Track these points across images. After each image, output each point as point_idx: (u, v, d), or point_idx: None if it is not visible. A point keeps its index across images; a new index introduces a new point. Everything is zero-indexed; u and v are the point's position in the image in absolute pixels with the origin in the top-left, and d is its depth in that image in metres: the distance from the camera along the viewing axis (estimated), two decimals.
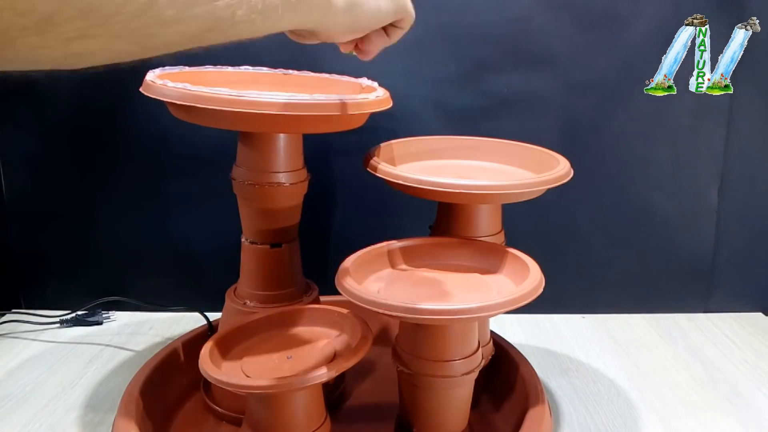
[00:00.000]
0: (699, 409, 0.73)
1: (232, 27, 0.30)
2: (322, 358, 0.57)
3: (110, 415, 0.66)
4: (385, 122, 0.81)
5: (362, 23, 0.45)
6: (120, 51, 0.27)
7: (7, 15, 0.22)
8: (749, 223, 0.96)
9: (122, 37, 0.26)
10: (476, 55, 0.88)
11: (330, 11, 0.40)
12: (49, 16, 0.23)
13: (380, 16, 0.46)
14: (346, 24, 0.43)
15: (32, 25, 0.23)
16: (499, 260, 0.62)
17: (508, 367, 0.73)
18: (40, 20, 0.23)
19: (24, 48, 0.24)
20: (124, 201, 0.93)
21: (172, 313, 0.93)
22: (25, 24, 0.23)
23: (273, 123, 0.58)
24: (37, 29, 0.23)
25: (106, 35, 0.25)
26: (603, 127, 0.91)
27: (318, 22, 0.40)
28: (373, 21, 0.45)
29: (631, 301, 0.98)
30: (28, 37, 0.23)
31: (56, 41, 0.24)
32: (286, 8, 0.34)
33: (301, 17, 0.37)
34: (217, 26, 0.30)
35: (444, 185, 0.59)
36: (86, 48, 0.25)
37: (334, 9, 0.40)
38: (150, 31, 0.26)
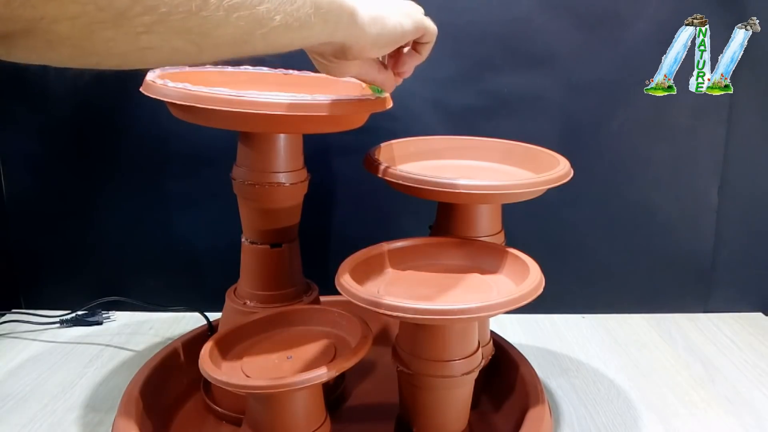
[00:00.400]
0: (699, 409, 0.73)
1: (273, 31, 0.35)
2: (322, 358, 0.57)
3: (110, 415, 0.66)
4: (385, 122, 0.81)
5: (386, 37, 0.48)
6: (179, 48, 0.31)
7: (91, 9, 0.26)
8: (749, 223, 0.96)
9: (180, 34, 0.30)
10: (476, 55, 0.88)
11: (357, 24, 0.44)
12: (123, 11, 0.27)
13: (402, 33, 0.49)
14: (374, 37, 0.46)
15: (109, 18, 0.27)
16: (499, 260, 0.62)
17: (508, 367, 0.73)
18: (116, 14, 0.27)
19: (99, 41, 0.27)
20: (124, 201, 0.93)
21: (172, 313, 0.93)
22: (103, 18, 0.26)
23: (273, 123, 0.58)
24: (113, 22, 0.27)
25: (167, 32, 0.29)
26: (603, 127, 0.91)
27: (348, 35, 0.44)
28: (395, 36, 0.49)
29: (631, 301, 0.98)
30: (104, 30, 0.27)
31: (127, 35, 0.28)
32: (318, 17, 0.38)
33: (332, 28, 0.41)
34: (260, 29, 0.34)
35: (444, 185, 0.59)
36: (150, 42, 0.29)
37: (360, 21, 0.44)
38: (203, 29, 0.30)
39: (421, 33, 0.52)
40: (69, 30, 0.26)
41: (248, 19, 0.32)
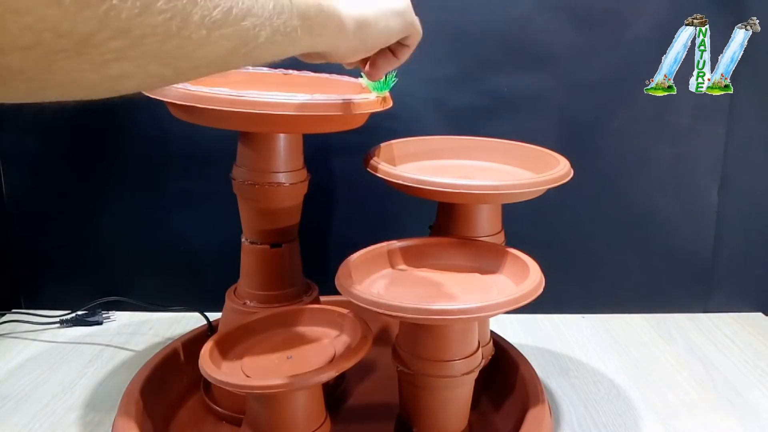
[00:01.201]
0: (699, 409, 0.73)
1: (256, 48, 0.31)
2: (322, 358, 0.57)
3: (110, 415, 0.66)
4: (385, 122, 0.81)
5: (371, 43, 0.46)
6: (154, 74, 0.27)
7: (48, 36, 0.22)
8: (749, 223, 0.96)
9: (157, 58, 0.26)
10: (476, 55, 0.88)
11: (342, 33, 0.41)
12: (88, 37, 0.23)
13: (389, 34, 0.47)
14: (355, 45, 0.44)
15: (71, 47, 0.23)
16: (499, 260, 0.62)
17: (508, 367, 0.73)
18: (80, 41, 0.23)
19: (61, 72, 0.24)
20: (124, 201, 0.93)
21: (172, 313, 0.93)
22: (64, 45, 0.23)
23: (273, 123, 0.58)
24: (75, 50, 0.23)
25: (142, 56, 0.26)
26: (603, 127, 0.91)
27: (330, 44, 0.41)
28: (381, 39, 0.47)
29: (631, 301, 0.98)
30: (66, 59, 0.23)
31: (93, 63, 0.24)
32: (304, 30, 0.35)
33: (316, 39, 0.38)
34: (243, 47, 0.31)
35: (444, 185, 0.59)
36: (122, 70, 0.26)
37: (345, 31, 0.42)
38: (182, 52, 0.27)
39: (408, 33, 0.49)
40: (21, 62, 0.22)
41: (232, 37, 0.29)
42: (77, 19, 0.22)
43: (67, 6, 0.22)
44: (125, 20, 0.24)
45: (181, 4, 0.26)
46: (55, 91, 0.25)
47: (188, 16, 0.26)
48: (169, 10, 0.25)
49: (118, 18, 0.23)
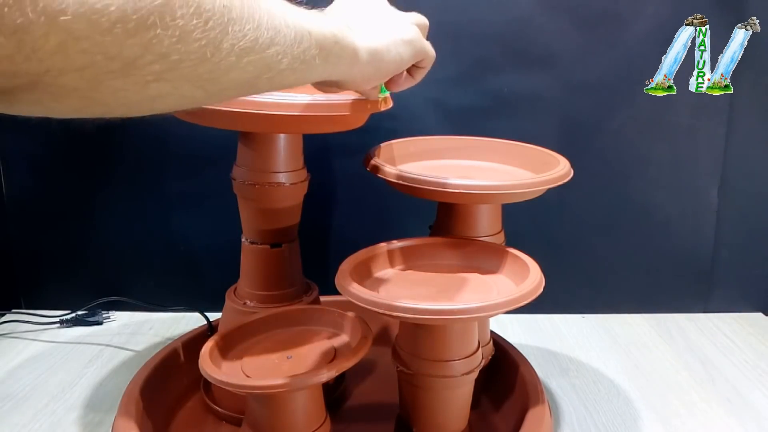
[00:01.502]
0: (699, 409, 0.73)
1: (278, 75, 0.34)
2: (322, 358, 0.57)
3: (110, 415, 0.66)
4: (385, 122, 0.81)
5: (384, 71, 0.48)
6: (187, 95, 0.30)
7: (100, 59, 0.25)
8: (749, 223, 0.96)
9: (190, 80, 0.29)
10: (476, 55, 0.88)
11: (357, 63, 0.44)
12: (133, 60, 0.26)
13: (400, 62, 0.49)
14: (370, 73, 0.46)
15: (118, 69, 0.26)
16: (499, 260, 0.62)
17: (508, 367, 0.73)
18: (126, 64, 0.26)
19: (107, 91, 0.27)
20: (124, 201, 0.93)
21: (172, 313, 0.93)
22: (112, 68, 0.26)
23: (273, 123, 0.58)
24: (122, 72, 0.26)
25: (177, 79, 0.28)
26: (603, 127, 0.91)
27: (345, 72, 0.43)
28: (393, 67, 0.48)
29: (631, 301, 0.98)
30: (113, 80, 0.26)
31: (136, 84, 0.27)
32: (321, 59, 0.38)
33: (332, 68, 0.41)
34: (267, 73, 0.33)
35: (444, 185, 0.59)
36: (160, 91, 0.28)
37: (359, 60, 0.44)
38: (213, 75, 0.30)
39: (420, 59, 0.52)
40: (76, 81, 0.25)
41: (258, 63, 0.32)
42: (125, 45, 0.25)
43: (117, 34, 0.24)
44: (165, 47, 0.27)
45: (214, 33, 0.28)
46: (102, 107, 0.28)
47: (220, 44, 0.29)
48: (204, 38, 0.28)
49: (160, 45, 0.26)
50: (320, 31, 0.38)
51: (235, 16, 0.30)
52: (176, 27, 0.27)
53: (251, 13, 0.31)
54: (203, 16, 0.28)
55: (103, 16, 0.24)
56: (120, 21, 0.24)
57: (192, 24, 0.27)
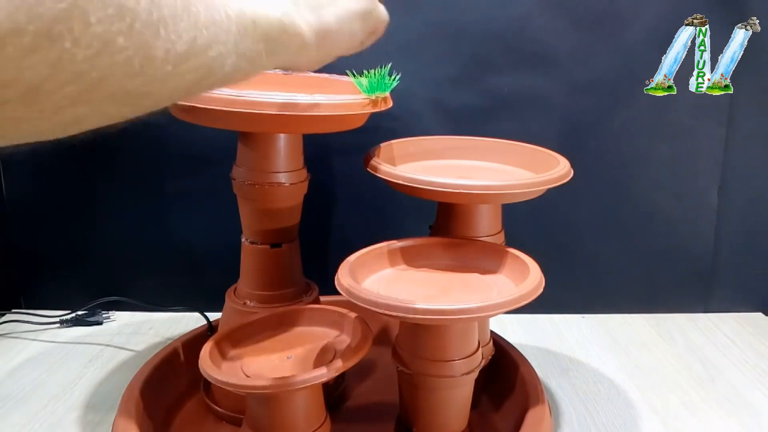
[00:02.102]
0: (699, 409, 0.73)
1: (222, 77, 0.29)
2: (322, 358, 0.57)
3: (110, 415, 0.66)
4: (385, 122, 0.81)
5: (335, 52, 0.43)
6: (111, 114, 0.25)
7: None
8: (749, 223, 0.96)
9: (116, 98, 0.24)
10: (476, 55, 0.88)
11: (303, 50, 0.38)
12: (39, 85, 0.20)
13: (353, 39, 0.43)
14: (318, 58, 0.41)
15: (17, 97, 0.20)
16: (499, 260, 0.62)
17: (508, 367, 0.73)
18: (28, 90, 0.20)
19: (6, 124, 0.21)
20: (124, 201, 0.93)
21: (172, 313, 0.93)
22: (8, 96, 0.20)
23: (273, 123, 0.58)
24: (22, 101, 0.20)
25: (99, 99, 0.23)
26: (603, 127, 0.91)
27: (291, 60, 0.39)
28: (345, 47, 0.43)
29: (631, 301, 0.98)
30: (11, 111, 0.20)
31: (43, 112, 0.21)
32: (268, 53, 0.33)
33: (276, 60, 0.36)
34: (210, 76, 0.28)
35: (444, 185, 0.59)
36: (76, 115, 0.23)
37: (307, 47, 0.39)
38: (145, 90, 0.24)
39: (373, 29, 0.45)
40: None
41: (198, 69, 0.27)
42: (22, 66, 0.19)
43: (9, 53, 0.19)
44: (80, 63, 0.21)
45: (142, 38, 0.23)
46: None
47: (151, 50, 0.23)
48: (130, 46, 0.22)
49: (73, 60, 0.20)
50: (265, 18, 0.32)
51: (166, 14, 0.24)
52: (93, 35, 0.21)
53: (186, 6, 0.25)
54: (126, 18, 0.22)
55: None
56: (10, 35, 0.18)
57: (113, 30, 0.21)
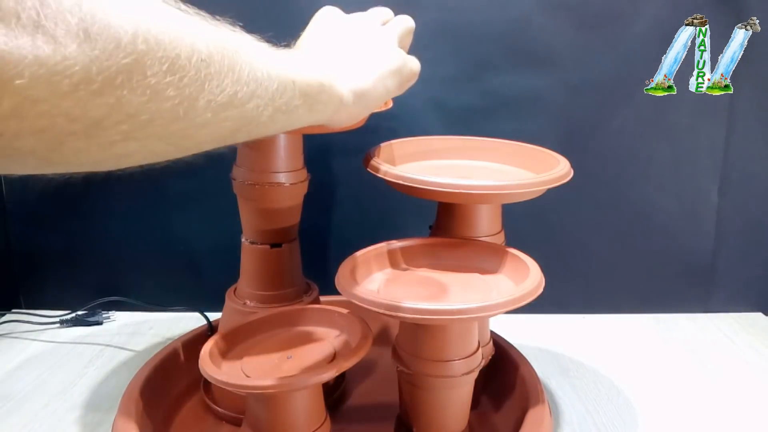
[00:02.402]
0: (699, 409, 0.73)
1: (258, 127, 0.32)
2: (322, 358, 0.57)
3: (110, 415, 0.66)
4: (385, 122, 0.81)
5: (370, 108, 0.46)
6: (157, 152, 0.28)
7: (60, 121, 0.23)
8: (749, 224, 0.96)
9: (162, 138, 0.27)
10: (476, 55, 0.88)
11: (342, 107, 0.41)
12: (99, 121, 0.24)
13: (387, 95, 0.47)
14: (355, 114, 0.44)
15: (81, 130, 0.24)
16: (499, 260, 0.62)
17: (508, 367, 0.73)
18: (90, 125, 0.24)
19: (69, 152, 0.24)
20: (124, 201, 0.93)
21: (172, 313, 0.93)
22: (74, 129, 0.23)
23: None
24: (85, 134, 0.24)
25: (147, 137, 0.26)
26: (603, 127, 0.91)
27: (329, 118, 0.41)
28: (381, 101, 0.46)
29: (631, 301, 0.98)
30: (75, 141, 0.24)
31: (101, 145, 0.25)
32: (305, 108, 0.36)
33: (317, 116, 0.39)
34: (246, 127, 0.31)
35: (444, 185, 0.59)
36: (127, 150, 0.26)
37: (346, 105, 0.41)
38: (187, 133, 0.28)
39: (408, 86, 0.49)
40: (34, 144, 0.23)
41: (236, 118, 0.30)
42: (89, 106, 0.23)
43: (81, 96, 0.22)
44: (135, 107, 0.24)
45: (189, 90, 0.26)
46: (61, 167, 0.26)
47: (195, 101, 0.27)
48: (177, 96, 0.26)
49: (129, 105, 0.24)
50: (304, 79, 0.35)
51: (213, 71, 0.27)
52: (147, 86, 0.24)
53: (231, 66, 0.28)
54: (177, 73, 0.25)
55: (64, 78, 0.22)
56: (84, 82, 0.22)
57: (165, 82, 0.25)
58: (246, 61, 0.29)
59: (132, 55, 0.23)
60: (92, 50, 0.22)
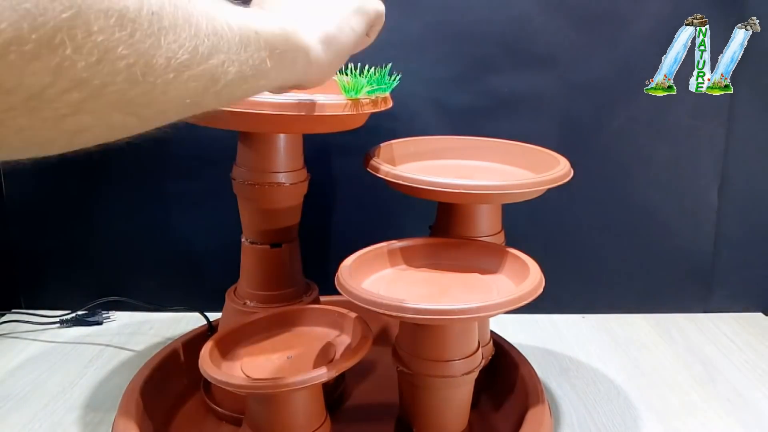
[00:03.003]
0: (699, 409, 0.73)
1: (226, 87, 0.30)
2: (322, 358, 0.57)
3: (110, 415, 0.66)
4: (385, 122, 0.81)
5: (342, 54, 0.44)
6: (115, 125, 0.25)
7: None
8: (749, 223, 0.96)
9: (119, 108, 0.24)
10: (476, 55, 0.88)
11: (312, 59, 0.39)
12: (41, 91, 0.20)
13: (356, 37, 0.45)
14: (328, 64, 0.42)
15: (20, 103, 0.20)
16: (499, 260, 0.62)
17: (508, 367, 0.73)
18: (30, 96, 0.20)
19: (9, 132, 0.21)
20: (124, 201, 0.93)
21: (172, 313, 0.93)
22: (12, 103, 0.20)
23: (272, 123, 0.58)
24: (26, 107, 0.21)
25: (102, 107, 0.23)
26: (603, 127, 0.91)
27: (302, 73, 0.39)
28: (351, 46, 0.44)
29: (631, 301, 0.98)
30: (15, 118, 0.21)
31: (47, 120, 0.22)
32: (273, 61, 0.33)
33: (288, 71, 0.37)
34: (212, 87, 0.29)
35: (444, 185, 0.59)
36: (80, 124, 0.23)
37: (315, 55, 0.40)
38: (148, 98, 0.25)
39: (372, 24, 0.47)
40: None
41: (200, 77, 0.27)
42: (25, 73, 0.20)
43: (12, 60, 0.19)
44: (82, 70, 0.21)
45: (143, 47, 0.23)
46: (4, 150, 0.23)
47: (152, 59, 0.24)
48: (131, 54, 0.23)
49: (74, 68, 0.21)
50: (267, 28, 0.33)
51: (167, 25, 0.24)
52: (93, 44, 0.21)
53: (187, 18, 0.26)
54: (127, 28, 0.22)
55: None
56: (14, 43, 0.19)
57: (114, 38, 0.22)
58: (202, 12, 0.27)
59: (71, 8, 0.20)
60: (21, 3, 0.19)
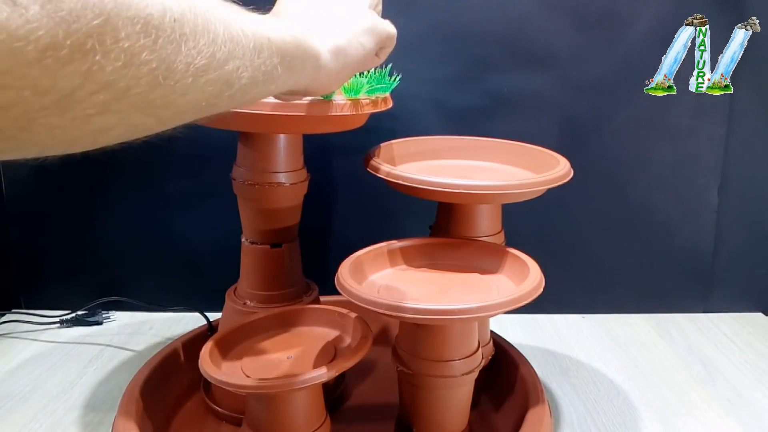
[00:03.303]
0: (699, 409, 0.73)
1: (239, 90, 0.31)
2: (322, 358, 0.57)
3: (110, 415, 0.66)
4: (385, 122, 0.81)
5: (350, 68, 0.45)
6: (136, 125, 0.27)
7: (28, 94, 0.21)
8: (749, 223, 0.96)
9: (141, 109, 0.26)
10: (476, 55, 0.88)
11: (321, 66, 0.41)
12: (72, 92, 0.22)
13: (365, 54, 0.46)
14: (335, 74, 0.44)
15: (53, 104, 0.22)
16: (499, 260, 0.62)
17: (508, 367, 0.73)
18: (62, 97, 0.22)
19: (41, 130, 0.23)
20: (124, 201, 0.93)
21: (172, 313, 0.93)
22: (45, 103, 0.22)
23: (272, 123, 0.58)
24: (57, 108, 0.22)
25: (126, 108, 0.25)
26: (603, 127, 0.91)
27: (310, 78, 0.41)
28: (359, 61, 0.46)
29: (631, 301, 0.98)
30: (47, 117, 0.22)
31: (75, 119, 0.23)
32: (284, 67, 0.35)
33: (296, 76, 0.38)
34: (227, 91, 0.30)
35: (444, 185, 0.59)
36: (105, 124, 0.25)
37: (324, 63, 0.41)
38: (167, 100, 0.27)
39: (382, 45, 0.49)
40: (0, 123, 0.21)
41: (217, 81, 0.29)
42: (58, 76, 0.21)
43: (48, 64, 0.21)
44: (109, 74, 0.23)
45: (165, 53, 0.25)
46: (34, 148, 0.24)
47: (173, 64, 0.26)
48: (154, 59, 0.25)
49: (102, 72, 0.23)
50: (279, 35, 0.35)
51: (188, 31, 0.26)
52: (120, 50, 0.23)
53: (206, 26, 0.27)
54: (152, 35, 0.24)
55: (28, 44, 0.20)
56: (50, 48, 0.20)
57: (139, 45, 0.24)
58: (220, 20, 0.28)
59: (101, 15, 0.22)
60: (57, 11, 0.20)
